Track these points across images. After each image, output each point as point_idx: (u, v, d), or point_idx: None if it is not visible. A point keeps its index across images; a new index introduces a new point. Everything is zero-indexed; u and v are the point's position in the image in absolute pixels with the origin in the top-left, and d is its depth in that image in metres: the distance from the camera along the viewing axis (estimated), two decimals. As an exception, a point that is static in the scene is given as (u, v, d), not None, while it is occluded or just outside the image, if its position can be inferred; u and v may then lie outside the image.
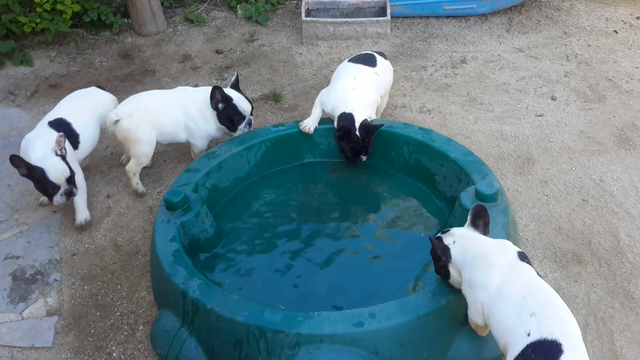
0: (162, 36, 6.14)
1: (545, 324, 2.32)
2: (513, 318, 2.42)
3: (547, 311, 2.37)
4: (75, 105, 4.07)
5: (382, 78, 4.30)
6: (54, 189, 3.66)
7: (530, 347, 2.30)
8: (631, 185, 4.09)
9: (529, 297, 2.44)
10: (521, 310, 2.41)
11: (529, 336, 2.32)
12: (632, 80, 5.21)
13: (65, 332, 3.37)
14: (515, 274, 2.56)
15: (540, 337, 2.30)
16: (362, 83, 4.11)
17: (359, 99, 4.01)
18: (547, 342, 2.27)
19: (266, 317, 2.84)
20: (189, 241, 3.46)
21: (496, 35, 5.92)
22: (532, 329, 2.33)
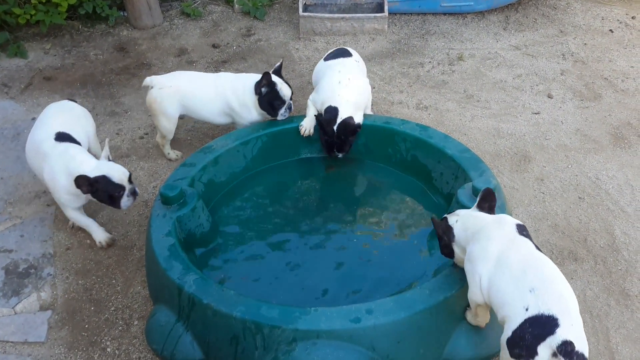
0: (158, 30, 6.10)
1: (544, 300, 2.41)
2: (512, 292, 2.51)
3: (545, 287, 2.46)
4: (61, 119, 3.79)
5: (361, 66, 4.29)
6: (120, 192, 3.47)
7: (528, 322, 2.39)
8: (626, 183, 4.09)
9: (528, 271, 2.52)
10: (520, 284, 2.49)
11: (527, 311, 2.41)
12: (627, 79, 5.22)
13: (59, 326, 3.34)
14: (514, 247, 2.63)
15: (538, 312, 2.39)
16: (347, 74, 4.07)
17: (347, 93, 3.95)
18: (544, 317, 2.37)
19: (263, 312, 2.83)
20: (185, 236, 3.44)
21: (493, 32, 5.91)
22: (530, 304, 2.42)
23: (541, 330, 2.35)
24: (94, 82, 5.35)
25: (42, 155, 3.57)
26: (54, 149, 3.54)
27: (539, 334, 2.35)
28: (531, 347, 2.35)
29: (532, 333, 2.37)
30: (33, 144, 3.67)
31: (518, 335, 2.41)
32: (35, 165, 3.67)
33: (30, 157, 3.70)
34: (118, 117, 4.91)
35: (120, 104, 5.07)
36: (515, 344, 2.42)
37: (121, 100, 5.11)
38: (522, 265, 2.56)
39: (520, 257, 2.59)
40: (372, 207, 3.86)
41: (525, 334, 2.38)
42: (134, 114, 4.94)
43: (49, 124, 3.70)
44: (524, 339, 2.39)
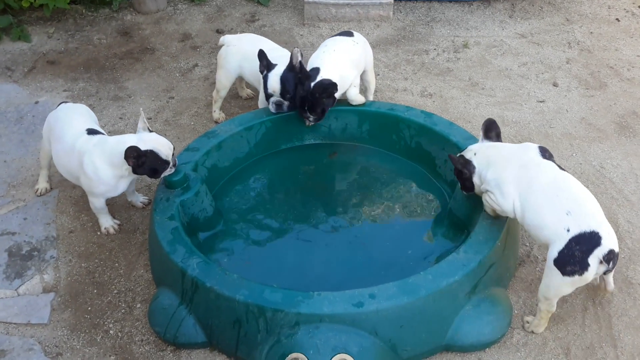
0: (162, 14, 6.08)
1: (582, 220, 2.75)
2: (550, 216, 2.83)
3: (579, 207, 2.80)
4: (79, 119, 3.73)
5: (361, 48, 4.18)
6: (165, 167, 3.40)
7: (572, 241, 2.74)
8: (631, 172, 4.08)
9: (561, 194, 2.85)
10: (557, 208, 2.82)
11: (569, 232, 2.75)
12: (633, 68, 5.19)
13: (62, 309, 3.35)
14: (542, 171, 2.95)
15: (580, 231, 2.74)
16: (334, 47, 4.03)
17: (329, 59, 3.92)
18: (587, 234, 2.73)
19: (266, 296, 2.84)
20: (188, 220, 3.44)
21: (499, 20, 5.88)
22: (570, 225, 2.76)
23: (588, 245, 2.71)
24: (98, 67, 5.33)
25: (78, 153, 3.50)
26: (89, 142, 3.50)
27: (587, 249, 2.70)
28: (583, 261, 2.71)
29: (580, 249, 2.71)
30: (65, 149, 3.59)
31: (567, 254, 2.74)
32: (71, 167, 3.59)
33: (64, 162, 3.63)
34: (121, 101, 4.90)
35: (123, 88, 5.06)
36: (565, 262, 2.74)
37: (124, 85, 5.09)
38: (553, 188, 2.87)
39: (549, 180, 2.90)
40: (376, 194, 3.85)
41: (574, 252, 2.72)
42: (137, 99, 4.93)
43: (72, 125, 3.66)
44: (573, 256, 2.72)
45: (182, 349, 3.08)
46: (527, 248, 3.55)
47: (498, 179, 3.03)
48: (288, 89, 3.88)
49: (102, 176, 3.45)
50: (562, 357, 3.00)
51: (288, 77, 3.87)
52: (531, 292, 3.30)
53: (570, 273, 2.75)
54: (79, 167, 3.51)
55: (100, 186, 3.49)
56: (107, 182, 3.48)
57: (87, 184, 3.52)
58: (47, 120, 3.83)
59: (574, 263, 2.73)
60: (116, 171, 3.43)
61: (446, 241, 3.49)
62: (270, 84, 3.90)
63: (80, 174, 3.52)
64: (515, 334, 3.10)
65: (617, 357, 2.99)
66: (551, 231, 2.82)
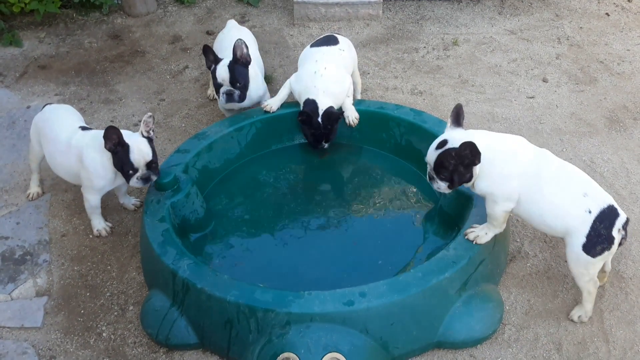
0: (152, 17, 6.08)
1: (598, 198, 2.84)
2: (569, 203, 2.86)
3: (591, 187, 2.88)
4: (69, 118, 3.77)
5: (347, 54, 4.21)
6: (129, 172, 3.37)
7: (597, 220, 2.81)
8: (621, 167, 4.09)
9: (571, 180, 2.91)
10: (573, 193, 2.86)
11: (591, 213, 2.81)
12: (623, 62, 5.21)
13: (55, 312, 3.35)
14: (545, 161, 2.95)
15: (600, 209, 2.82)
16: (325, 63, 3.99)
17: (323, 84, 3.89)
18: (606, 210, 2.82)
19: (257, 296, 2.85)
20: (179, 222, 3.45)
21: (488, 17, 5.89)
22: (590, 207, 2.82)
23: (609, 220, 2.81)
24: (88, 70, 5.34)
25: (75, 150, 3.51)
26: (85, 137, 3.53)
27: (609, 224, 2.81)
28: (609, 236, 2.81)
29: (604, 227, 2.80)
30: (60, 149, 3.60)
31: (594, 235, 2.81)
32: (68, 164, 3.59)
33: (60, 161, 3.63)
34: (112, 104, 4.91)
35: (114, 91, 5.06)
36: (594, 243, 2.82)
37: (115, 88, 5.10)
38: (561, 175, 2.91)
39: (554, 168, 2.93)
40: (367, 192, 3.86)
41: (600, 231, 2.81)
42: (128, 102, 4.93)
43: (63, 124, 3.68)
44: (600, 234, 2.81)
45: (175, 351, 3.09)
46: (517, 244, 3.56)
47: (506, 173, 2.93)
48: (237, 77, 3.91)
49: (100, 169, 3.46)
50: (554, 353, 3.01)
51: (235, 66, 3.91)
52: (522, 287, 3.32)
53: (600, 252, 2.84)
54: (77, 163, 3.52)
55: (99, 179, 3.50)
56: (105, 175, 3.48)
57: (87, 178, 3.53)
58: (34, 123, 3.83)
59: (602, 241, 2.82)
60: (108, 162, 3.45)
61: (437, 238, 3.50)
62: (219, 74, 3.91)
63: (79, 169, 3.53)
64: (506, 330, 3.11)
65: (609, 352, 3.01)
66: (572, 217, 2.85)
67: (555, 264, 3.44)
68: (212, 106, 4.76)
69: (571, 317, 3.12)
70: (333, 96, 3.91)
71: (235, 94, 3.97)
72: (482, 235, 3.07)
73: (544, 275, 3.38)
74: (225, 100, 3.99)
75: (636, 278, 3.34)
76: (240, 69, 3.92)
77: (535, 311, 3.20)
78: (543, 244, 3.56)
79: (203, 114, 4.72)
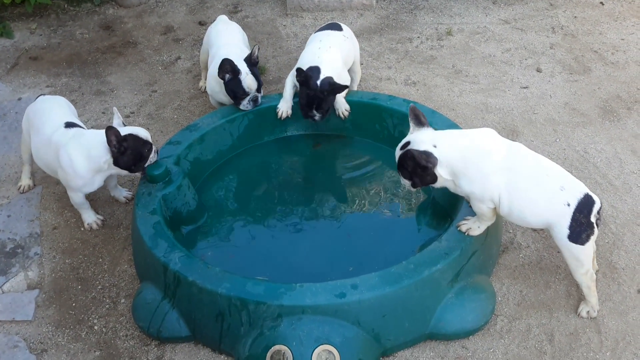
0: (143, 7, 6.04)
1: (574, 189, 2.86)
2: (547, 198, 2.86)
3: (567, 180, 2.90)
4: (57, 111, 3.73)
5: (350, 42, 4.22)
6: (149, 149, 3.40)
7: (576, 211, 2.83)
8: (615, 157, 4.08)
9: (547, 175, 2.90)
10: (550, 188, 2.86)
11: (570, 205, 2.83)
12: (617, 52, 5.19)
13: (46, 305, 3.34)
14: (520, 156, 2.93)
15: (578, 200, 2.83)
16: (329, 43, 4.01)
17: (327, 56, 3.90)
18: (583, 199, 2.84)
19: (248, 288, 2.84)
20: (171, 214, 3.43)
21: (482, 6, 5.86)
22: (568, 199, 2.83)
23: (588, 208, 2.84)
24: (80, 62, 5.30)
25: (55, 146, 3.48)
26: (65, 135, 3.49)
27: (588, 211, 2.83)
28: (589, 224, 2.84)
29: (584, 216, 2.83)
30: (42, 142, 3.58)
31: (576, 226, 2.83)
32: (48, 159, 3.57)
33: (42, 155, 3.62)
34: (104, 96, 4.88)
35: (106, 82, 5.03)
36: (578, 233, 2.84)
37: (107, 79, 5.07)
38: (536, 171, 2.90)
39: (529, 163, 2.92)
40: (360, 184, 3.85)
41: (580, 221, 2.83)
42: (120, 93, 4.90)
43: (50, 117, 3.65)
44: (581, 223, 2.83)
45: (167, 343, 3.08)
46: (510, 235, 3.56)
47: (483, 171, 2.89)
48: (260, 82, 3.96)
49: (77, 169, 3.42)
50: (546, 344, 3.01)
51: (256, 71, 3.93)
52: (515, 278, 3.31)
53: (586, 239, 2.86)
54: (55, 160, 3.49)
55: (76, 180, 3.47)
56: (82, 176, 3.45)
57: (64, 178, 3.51)
58: (26, 113, 3.81)
59: (585, 229, 2.85)
60: (92, 164, 3.40)
61: (430, 230, 3.50)
62: (248, 84, 3.89)
63: (57, 167, 3.51)
64: (499, 321, 3.11)
65: (601, 343, 3.01)
66: (552, 212, 2.86)
67: (547, 255, 3.43)
68: (204, 98, 4.73)
69: (579, 314, 3.11)
70: (336, 72, 3.86)
71: (259, 98, 4.00)
72: (475, 227, 3.06)
73: (536, 266, 3.38)
74: (252, 107, 3.99)
75: (628, 269, 3.34)
76: (257, 71, 3.96)
77: (527, 302, 3.20)
78: (535, 235, 3.55)
79: (195, 106, 4.70)
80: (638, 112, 4.48)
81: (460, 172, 2.91)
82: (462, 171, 2.90)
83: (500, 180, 2.87)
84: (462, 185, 2.93)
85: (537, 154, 2.99)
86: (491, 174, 2.88)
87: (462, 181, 2.92)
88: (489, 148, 2.91)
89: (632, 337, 3.02)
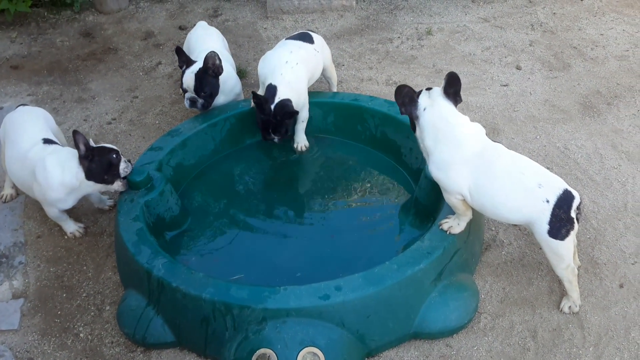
0: (123, 14, 6.03)
1: (553, 185, 2.88)
2: (525, 195, 2.88)
3: (544, 176, 2.91)
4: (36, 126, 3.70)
5: (321, 55, 4.19)
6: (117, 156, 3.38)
7: (555, 207, 2.85)
8: (595, 152, 4.12)
9: (524, 173, 2.91)
10: (528, 186, 2.88)
11: (549, 202, 2.85)
12: (596, 47, 5.24)
13: (32, 314, 3.33)
14: (496, 155, 2.95)
15: (556, 196, 2.85)
16: (297, 58, 3.93)
17: (289, 75, 3.83)
18: (562, 195, 2.86)
19: (232, 293, 2.85)
20: (154, 220, 3.43)
21: (462, 5, 5.90)
22: (547, 196, 2.85)
23: (567, 204, 2.85)
24: (61, 69, 5.29)
25: (31, 162, 3.46)
26: (44, 151, 3.48)
27: (567, 207, 2.85)
28: (569, 219, 2.86)
29: (564, 211, 2.85)
30: (17, 156, 3.56)
31: (555, 222, 2.86)
32: (23, 174, 3.55)
33: (16, 169, 3.59)
34: (85, 103, 4.87)
35: (87, 90, 5.02)
36: (558, 229, 2.86)
37: (88, 86, 5.05)
38: (513, 170, 2.91)
39: (506, 162, 2.94)
40: (343, 185, 3.86)
41: (560, 216, 2.85)
42: (102, 100, 4.89)
43: (28, 131, 3.62)
44: (561, 219, 2.85)
45: (152, 350, 3.08)
46: (492, 232, 3.58)
47: (448, 160, 2.95)
48: (203, 87, 3.91)
49: (51, 182, 3.40)
50: (530, 340, 3.03)
51: (203, 76, 3.89)
52: (497, 276, 3.34)
53: (566, 234, 2.88)
54: (30, 175, 3.47)
55: (51, 193, 3.44)
56: (56, 189, 3.42)
57: (40, 192, 3.48)
58: (4, 122, 3.79)
59: (565, 224, 2.86)
60: (66, 182, 3.38)
61: (413, 229, 3.51)
62: (185, 80, 3.91)
63: (31, 182, 3.49)
64: (482, 319, 3.13)
65: (584, 338, 3.03)
66: (530, 208, 2.88)
67: (529, 252, 3.46)
68: (186, 102, 4.73)
69: (562, 309, 3.14)
70: (295, 93, 3.82)
71: (199, 102, 3.97)
72: (455, 225, 3.09)
73: (518, 263, 3.41)
74: (189, 106, 4.01)
75: (610, 264, 3.37)
76: (208, 79, 3.91)
77: (510, 299, 3.22)
78: (517, 232, 3.58)
79: (177, 111, 4.70)
80: (618, 107, 4.52)
81: (429, 150, 3.00)
82: (432, 150, 2.99)
83: (465, 173, 2.92)
84: (431, 169, 3.01)
85: (517, 154, 3.01)
86: (455, 163, 2.93)
87: (432, 164, 3.00)
88: (463, 141, 2.94)
89: (615, 332, 3.05)
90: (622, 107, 4.53)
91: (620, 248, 3.46)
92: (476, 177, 2.92)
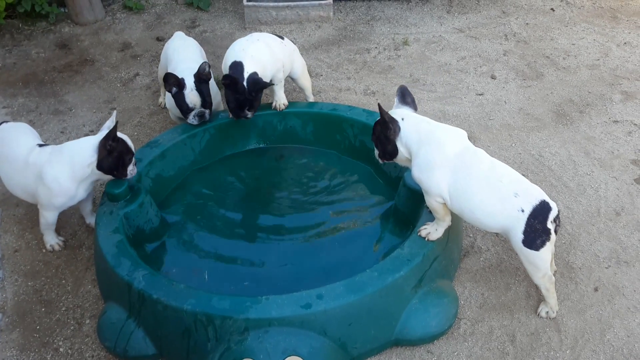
0: (100, 25, 6.01)
1: (529, 196, 2.89)
2: (501, 204, 2.91)
3: (522, 185, 2.93)
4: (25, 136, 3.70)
5: (288, 50, 4.19)
6: (131, 157, 3.42)
7: (530, 217, 2.87)
8: (569, 159, 4.20)
9: (501, 181, 2.93)
10: (503, 194, 2.91)
11: (524, 211, 2.87)
12: (568, 56, 5.34)
13: (10, 329, 3.29)
14: (476, 160, 2.99)
15: (532, 207, 2.87)
16: (259, 37, 3.98)
17: (252, 50, 3.83)
18: (538, 205, 2.87)
19: (213, 303, 2.84)
20: (134, 232, 3.42)
21: (437, 16, 5.98)
22: (523, 206, 2.87)
23: (543, 215, 2.87)
24: (37, 81, 5.25)
25: (34, 166, 3.44)
26: (44, 153, 3.46)
27: (543, 217, 2.87)
28: (545, 230, 2.87)
29: (539, 222, 2.86)
30: (17, 167, 3.53)
31: (530, 232, 2.88)
32: (26, 182, 3.51)
33: (17, 180, 3.56)
34: (62, 115, 4.84)
35: (64, 102, 4.99)
36: (533, 239, 2.88)
37: (65, 98, 5.03)
38: (491, 176, 2.94)
39: (484, 168, 2.96)
40: (323, 194, 3.89)
41: (535, 227, 2.87)
42: (79, 112, 4.87)
43: (19, 143, 3.60)
44: (536, 229, 2.87)
45: (134, 362, 3.07)
46: (470, 239, 3.63)
47: (431, 160, 2.99)
48: (206, 97, 3.93)
49: (63, 182, 3.39)
50: (508, 344, 3.07)
51: (203, 87, 3.90)
52: (476, 282, 3.38)
53: (541, 245, 2.89)
54: (36, 181, 3.44)
55: (59, 196, 3.43)
56: (68, 188, 3.41)
57: (46, 196, 3.45)
58: None
59: (540, 235, 2.88)
60: (77, 172, 3.37)
61: (393, 237, 3.54)
62: (192, 100, 3.89)
63: (37, 187, 3.46)
64: (462, 325, 3.16)
65: (561, 341, 3.08)
66: (505, 217, 2.91)
67: (507, 257, 3.51)
68: (164, 113, 4.73)
69: (539, 314, 3.19)
70: (260, 64, 3.82)
71: (207, 114, 3.98)
72: (433, 231, 3.13)
73: (496, 268, 3.45)
74: (198, 122, 3.98)
75: (585, 268, 3.44)
76: (206, 88, 3.92)
77: (489, 304, 3.26)
78: (495, 238, 3.63)
79: (155, 122, 4.69)
80: (590, 115, 4.61)
81: (413, 154, 3.03)
82: (415, 153, 3.03)
83: (446, 175, 2.96)
84: (414, 172, 3.05)
85: (498, 161, 3.04)
86: (438, 166, 2.97)
87: (415, 167, 3.04)
88: (444, 141, 2.99)
89: (590, 334, 3.10)
90: (594, 115, 4.62)
91: (595, 252, 3.53)
92: (455, 179, 2.95)
